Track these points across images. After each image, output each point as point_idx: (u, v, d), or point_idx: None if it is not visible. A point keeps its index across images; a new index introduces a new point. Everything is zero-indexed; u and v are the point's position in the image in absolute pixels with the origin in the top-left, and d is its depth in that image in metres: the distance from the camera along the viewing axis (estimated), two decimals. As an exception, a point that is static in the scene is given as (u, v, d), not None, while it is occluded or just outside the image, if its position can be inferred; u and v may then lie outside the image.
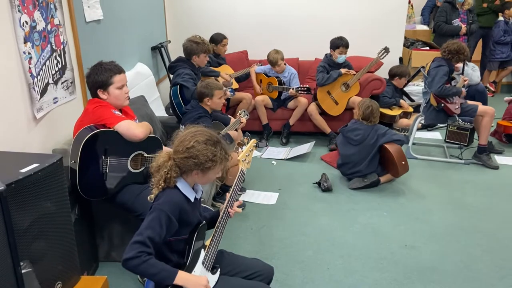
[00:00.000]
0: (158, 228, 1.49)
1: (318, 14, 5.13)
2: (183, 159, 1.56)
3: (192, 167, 1.57)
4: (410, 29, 5.89)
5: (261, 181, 3.57)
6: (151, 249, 1.46)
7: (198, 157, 1.55)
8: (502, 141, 4.44)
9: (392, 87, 4.71)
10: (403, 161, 3.31)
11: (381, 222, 2.96)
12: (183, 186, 1.61)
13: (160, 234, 1.49)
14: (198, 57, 3.60)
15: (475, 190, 3.43)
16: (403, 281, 2.36)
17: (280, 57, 4.38)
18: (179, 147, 1.58)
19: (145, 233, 1.47)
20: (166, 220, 1.51)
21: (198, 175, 1.60)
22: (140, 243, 1.44)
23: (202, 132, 1.61)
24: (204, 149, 1.56)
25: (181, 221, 1.58)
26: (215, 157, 1.57)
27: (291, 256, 2.59)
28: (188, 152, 1.55)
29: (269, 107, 4.46)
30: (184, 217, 1.59)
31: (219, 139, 1.63)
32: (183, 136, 1.61)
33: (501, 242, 2.71)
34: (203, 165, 1.56)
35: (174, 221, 1.54)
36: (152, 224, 1.49)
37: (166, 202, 1.54)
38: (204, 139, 1.58)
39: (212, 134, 1.63)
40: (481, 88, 4.92)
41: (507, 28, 5.87)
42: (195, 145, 1.56)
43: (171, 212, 1.53)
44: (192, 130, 1.62)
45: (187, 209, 1.60)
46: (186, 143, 1.57)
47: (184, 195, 1.61)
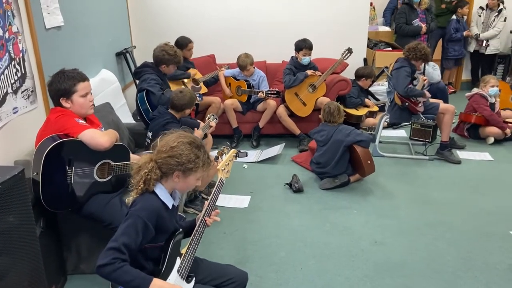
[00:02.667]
0: (134, 235, 1.46)
1: (283, 18, 5.18)
2: (165, 159, 1.56)
3: (174, 168, 1.56)
4: (372, 30, 6.05)
5: (232, 185, 3.57)
6: (126, 256, 1.43)
7: (181, 156, 1.55)
8: (464, 136, 4.62)
9: (357, 87, 4.82)
10: (369, 160, 3.39)
11: (351, 221, 3.02)
12: (161, 192, 1.59)
13: (136, 241, 1.47)
14: (167, 67, 3.55)
15: (439, 185, 3.55)
16: (373, 277, 2.41)
17: (250, 62, 4.40)
18: (162, 148, 1.58)
19: (121, 239, 1.44)
20: (142, 227, 1.49)
21: (179, 178, 1.59)
22: (114, 249, 1.41)
23: (186, 135, 1.63)
24: (187, 149, 1.57)
25: (158, 228, 1.56)
26: (198, 159, 1.58)
27: (265, 258, 2.60)
28: (171, 151, 1.56)
29: (239, 111, 4.47)
30: (161, 224, 1.57)
31: (203, 144, 1.65)
32: (167, 138, 1.61)
33: (465, 235, 2.82)
34: (185, 165, 1.56)
35: (151, 228, 1.52)
36: (128, 231, 1.46)
37: (143, 208, 1.52)
38: (188, 140, 1.59)
39: (196, 138, 1.65)
40: (442, 86, 5.13)
41: (458, 26, 6.14)
42: (179, 145, 1.57)
43: (148, 218, 1.51)
44: (177, 134, 1.63)
45: (165, 216, 1.58)
46: (170, 143, 1.58)
47: (162, 201, 1.59)
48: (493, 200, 3.27)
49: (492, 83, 4.45)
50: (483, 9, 6.14)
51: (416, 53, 3.89)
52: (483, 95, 4.46)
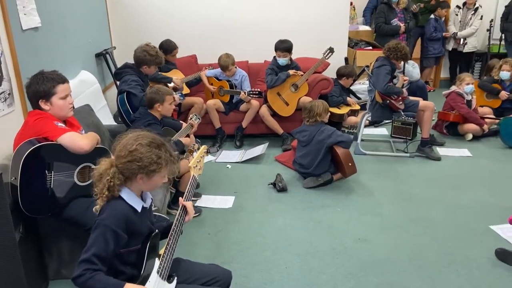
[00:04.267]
0: (103, 245, 1.45)
1: (265, 17, 5.19)
2: (126, 164, 1.52)
3: (136, 171, 1.52)
4: (353, 30, 6.11)
5: (216, 185, 3.56)
6: (98, 266, 1.43)
7: (142, 159, 1.51)
8: (443, 133, 4.71)
9: (339, 86, 4.87)
10: (350, 162, 3.42)
11: (335, 218, 3.04)
12: (128, 196, 1.57)
13: (107, 250, 1.46)
14: (149, 68, 3.52)
15: (421, 181, 3.61)
16: (357, 274, 2.43)
17: (231, 62, 4.39)
18: (121, 152, 1.54)
19: (91, 250, 1.44)
20: (111, 235, 1.47)
21: (143, 180, 1.56)
22: (85, 261, 1.43)
23: (144, 135, 1.58)
24: (148, 151, 1.52)
25: (130, 232, 1.54)
26: (160, 160, 1.54)
27: (250, 258, 2.60)
28: (131, 155, 1.51)
29: (221, 111, 4.45)
30: (132, 228, 1.55)
31: (163, 141, 1.61)
32: (125, 141, 1.56)
33: (446, 230, 2.87)
34: (147, 168, 1.52)
35: (122, 234, 1.50)
36: (97, 241, 1.46)
37: (110, 216, 1.50)
38: (147, 141, 1.55)
39: (155, 137, 1.60)
40: (421, 84, 5.22)
41: (437, 25, 6.26)
42: (138, 148, 1.52)
43: (117, 225, 1.49)
44: (134, 134, 1.58)
45: (135, 220, 1.56)
46: (128, 147, 1.53)
47: (130, 205, 1.56)
48: (473, 195, 3.35)
49: (467, 81, 4.55)
50: (460, 8, 6.28)
51: (396, 53, 3.95)
52: (459, 93, 4.55)
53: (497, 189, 3.45)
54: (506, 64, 4.76)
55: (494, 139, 4.53)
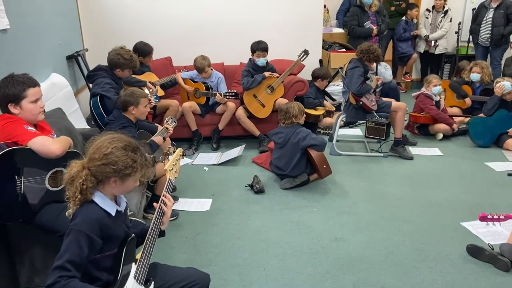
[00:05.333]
0: (77, 250, 1.42)
1: (240, 20, 5.21)
2: (100, 167, 1.49)
3: (110, 175, 1.50)
4: (327, 32, 6.20)
5: (193, 188, 3.54)
6: (72, 272, 1.40)
7: (117, 163, 1.49)
8: (415, 133, 4.83)
9: (314, 88, 4.93)
10: (325, 164, 3.46)
11: (312, 219, 3.07)
12: (101, 200, 1.54)
13: (81, 256, 1.43)
14: (123, 71, 3.46)
15: (394, 180, 3.69)
16: (335, 273, 2.46)
17: (207, 64, 4.38)
18: (95, 154, 1.50)
19: (64, 256, 1.40)
20: (85, 241, 1.44)
21: (116, 184, 1.53)
22: (59, 268, 1.39)
23: (120, 138, 1.55)
24: (123, 155, 1.50)
25: (105, 237, 1.51)
26: (135, 163, 1.53)
27: (228, 261, 2.59)
28: (106, 158, 1.49)
29: (198, 113, 4.43)
30: (107, 232, 1.52)
31: (138, 145, 1.59)
32: (99, 143, 1.53)
33: (419, 227, 2.95)
34: (122, 171, 1.50)
35: (96, 239, 1.47)
36: (71, 247, 1.42)
37: (83, 221, 1.47)
38: (122, 145, 1.52)
39: (130, 140, 1.58)
40: (393, 85, 5.33)
41: (407, 26, 6.43)
42: (113, 151, 1.49)
43: (90, 230, 1.46)
44: (109, 137, 1.55)
45: (109, 224, 1.53)
46: (103, 150, 1.49)
47: (103, 209, 1.54)
48: (444, 193, 3.44)
49: (434, 83, 4.68)
50: (429, 11, 6.46)
51: (368, 55, 4.03)
52: (427, 94, 4.68)
53: (467, 186, 3.56)
54: (476, 67, 4.93)
55: (464, 138, 4.68)
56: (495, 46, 5.88)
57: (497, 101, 4.47)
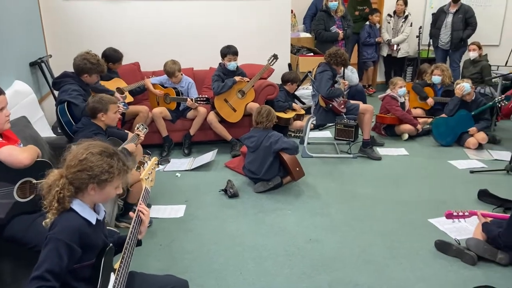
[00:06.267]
0: (57, 259, 1.38)
1: (209, 24, 5.21)
2: (75, 173, 1.46)
3: (87, 181, 1.47)
4: (294, 37, 6.30)
5: (166, 195, 3.50)
6: (51, 282, 1.36)
7: (93, 169, 1.47)
8: (382, 134, 4.98)
9: (284, 92, 4.99)
10: (297, 167, 3.51)
11: (286, 221, 3.11)
12: (80, 208, 1.51)
13: (61, 265, 1.39)
14: (90, 77, 3.39)
15: (364, 180, 3.79)
16: (311, 274, 2.50)
17: (177, 68, 4.35)
18: (71, 162, 1.48)
19: (43, 266, 1.36)
20: (65, 250, 1.41)
21: (95, 191, 1.51)
22: (38, 278, 1.35)
23: (96, 144, 1.53)
24: (99, 160, 1.48)
25: (84, 246, 1.48)
26: (112, 169, 1.50)
27: (204, 266, 2.58)
28: (81, 164, 1.46)
29: (168, 119, 4.39)
30: (87, 241, 1.49)
31: (115, 150, 1.57)
32: (75, 150, 1.51)
33: (389, 225, 3.04)
34: (98, 177, 1.48)
35: (76, 248, 1.44)
36: (50, 256, 1.38)
37: (62, 229, 1.43)
38: (98, 150, 1.50)
39: (107, 146, 1.56)
40: (360, 88, 5.48)
41: (371, 31, 6.63)
42: (88, 156, 1.47)
43: (70, 239, 1.43)
44: (85, 144, 1.53)
45: (89, 233, 1.50)
46: (78, 156, 1.48)
47: (84, 218, 1.51)
48: (411, 191, 3.57)
49: (399, 85, 4.86)
50: (391, 16, 6.69)
51: (336, 59, 4.13)
52: (393, 96, 4.85)
53: (433, 184, 3.70)
54: (437, 69, 5.15)
55: (428, 138, 4.87)
56: (455, 49, 6.17)
57: (457, 102, 4.68)
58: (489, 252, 2.54)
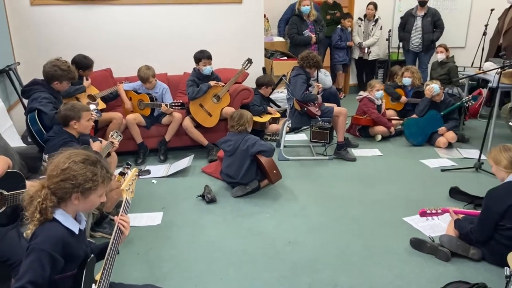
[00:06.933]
0: (39, 270, 1.35)
1: (182, 30, 5.18)
2: (58, 183, 1.43)
3: (71, 191, 1.45)
4: (268, 41, 6.34)
5: (142, 202, 3.44)
6: None
7: (76, 177, 1.44)
8: (356, 135, 5.07)
9: (259, 95, 5.02)
10: (274, 170, 3.54)
11: (265, 224, 3.12)
12: (63, 218, 1.48)
13: (43, 276, 1.36)
14: (61, 84, 3.31)
15: (340, 182, 3.85)
16: (290, 276, 2.52)
17: (152, 74, 4.30)
18: (53, 172, 1.45)
19: (25, 277, 1.33)
20: (48, 260, 1.37)
21: (79, 200, 1.48)
22: None
23: (78, 152, 1.51)
24: (82, 168, 1.46)
25: (67, 256, 1.45)
26: (96, 176, 1.48)
27: (184, 273, 2.55)
28: (63, 174, 1.44)
29: (143, 125, 4.33)
30: (69, 251, 1.46)
31: (98, 158, 1.55)
32: (57, 160, 1.48)
33: (366, 225, 3.09)
34: (82, 186, 1.46)
35: (59, 258, 1.41)
36: (33, 266, 1.35)
37: (45, 239, 1.40)
38: (81, 158, 1.48)
39: (90, 154, 1.54)
40: (333, 91, 5.57)
41: (342, 34, 6.76)
42: (71, 165, 1.45)
43: (53, 249, 1.39)
44: (67, 153, 1.50)
45: (72, 243, 1.48)
46: (60, 165, 1.45)
47: (66, 227, 1.48)
48: (386, 191, 3.64)
49: (377, 87, 4.97)
50: (361, 19, 6.83)
51: (309, 61, 4.19)
52: (371, 99, 4.95)
53: (406, 183, 3.79)
54: (407, 71, 5.30)
55: (400, 138, 4.98)
56: (425, 51, 6.36)
57: (427, 103, 4.82)
58: (461, 248, 2.62)
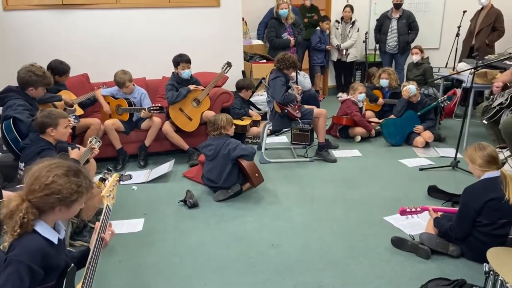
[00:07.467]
0: (18, 283, 1.31)
1: (160, 34, 5.15)
2: (43, 198, 1.40)
3: (55, 204, 1.42)
4: (247, 44, 6.35)
5: (123, 209, 3.39)
6: None
7: (61, 192, 1.41)
8: (336, 136, 5.13)
9: (239, 99, 5.02)
10: (256, 173, 3.54)
11: (248, 228, 3.11)
12: (42, 228, 1.44)
13: None
14: (36, 90, 3.24)
15: (321, 183, 3.88)
16: (275, 279, 2.52)
17: (128, 78, 4.24)
18: (34, 186, 1.41)
19: None
20: (27, 272, 1.34)
21: (62, 211, 1.45)
22: None
23: (59, 164, 1.47)
24: (67, 182, 1.43)
25: (46, 267, 1.41)
26: (81, 188, 1.46)
27: (166, 280, 2.52)
28: (48, 189, 1.40)
29: (121, 131, 4.26)
30: (49, 262, 1.43)
31: (79, 167, 1.52)
32: (36, 172, 1.43)
33: (348, 225, 3.12)
34: (68, 199, 1.43)
35: (38, 270, 1.37)
36: (10, 279, 1.31)
37: (23, 251, 1.36)
38: (63, 171, 1.44)
39: (70, 164, 1.50)
40: (313, 93, 5.60)
41: (322, 36, 6.83)
42: (55, 179, 1.41)
43: (32, 261, 1.36)
44: (46, 164, 1.46)
45: (51, 253, 1.44)
46: (43, 180, 1.41)
47: (46, 238, 1.44)
48: (367, 191, 3.69)
49: (360, 90, 5.05)
50: (339, 22, 6.92)
51: (285, 63, 4.22)
52: (354, 101, 5.02)
53: (386, 183, 3.85)
54: (384, 73, 5.40)
55: (379, 139, 5.06)
56: (401, 52, 6.49)
57: (404, 103, 4.92)
58: (441, 245, 2.67)
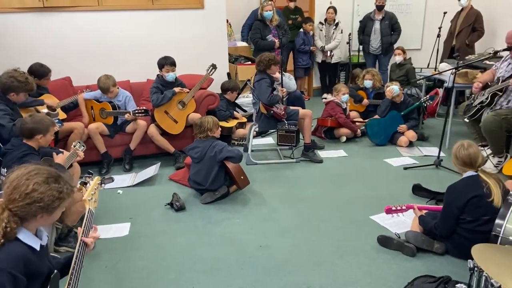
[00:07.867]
0: None
1: (143, 36, 5.10)
2: (24, 207, 1.38)
3: (38, 212, 1.40)
4: (232, 46, 6.35)
5: (108, 214, 3.35)
6: None
7: (43, 199, 1.39)
8: (322, 137, 5.16)
9: (225, 101, 5.01)
10: (242, 176, 3.54)
11: (235, 230, 3.11)
12: (24, 235, 1.42)
13: None
14: (17, 95, 3.19)
15: (308, 183, 3.90)
16: (264, 280, 2.52)
17: (112, 83, 4.19)
18: (14, 195, 1.38)
19: None
20: (9, 280, 1.31)
21: (44, 218, 1.43)
22: None
23: (38, 170, 1.44)
24: (48, 189, 1.41)
25: (29, 274, 1.39)
26: (62, 194, 1.44)
27: (154, 284, 2.50)
28: (29, 197, 1.38)
29: (106, 134, 4.21)
30: (32, 269, 1.40)
31: (58, 173, 1.49)
32: (15, 181, 1.40)
33: (335, 225, 3.15)
34: (50, 206, 1.41)
35: (20, 277, 1.35)
36: None
37: (5, 258, 1.34)
38: (44, 178, 1.42)
39: (49, 170, 1.48)
40: (298, 94, 5.63)
41: (305, 38, 6.88)
42: (36, 187, 1.39)
43: (14, 268, 1.33)
44: (24, 172, 1.42)
45: (34, 260, 1.41)
46: (23, 189, 1.38)
47: (28, 245, 1.42)
48: (353, 190, 3.73)
49: (343, 91, 5.09)
50: (322, 24, 6.98)
51: (264, 63, 4.23)
52: (338, 103, 5.06)
53: (371, 182, 3.90)
54: (368, 74, 5.46)
55: (364, 139, 5.12)
56: (385, 53, 6.57)
57: (388, 103, 4.99)
58: (426, 243, 2.71)
